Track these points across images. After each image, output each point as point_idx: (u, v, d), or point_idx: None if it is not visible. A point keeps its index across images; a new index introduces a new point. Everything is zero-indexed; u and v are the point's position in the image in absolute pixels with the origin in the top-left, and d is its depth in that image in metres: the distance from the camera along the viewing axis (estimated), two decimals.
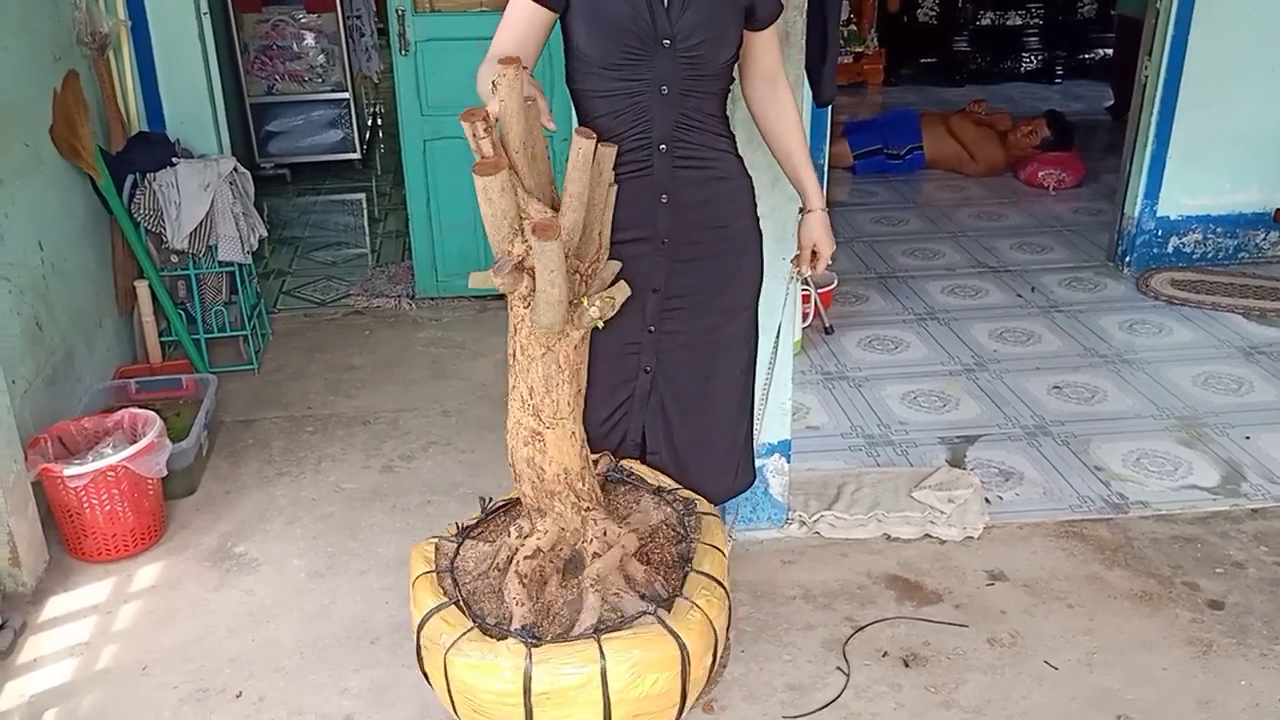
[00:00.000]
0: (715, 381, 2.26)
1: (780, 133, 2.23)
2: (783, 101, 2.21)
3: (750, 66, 2.18)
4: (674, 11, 1.96)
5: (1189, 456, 3.31)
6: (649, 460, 2.28)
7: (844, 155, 6.28)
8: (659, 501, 2.15)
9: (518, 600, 1.88)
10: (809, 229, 2.31)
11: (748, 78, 2.20)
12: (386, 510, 3.11)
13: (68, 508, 2.82)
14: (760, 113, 2.23)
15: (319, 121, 6.45)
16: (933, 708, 2.35)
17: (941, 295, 4.57)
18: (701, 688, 1.98)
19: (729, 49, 2.06)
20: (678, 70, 1.99)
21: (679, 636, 1.83)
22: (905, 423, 3.54)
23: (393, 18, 4.18)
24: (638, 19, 1.95)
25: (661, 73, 1.98)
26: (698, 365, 2.21)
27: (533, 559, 1.94)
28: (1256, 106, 4.54)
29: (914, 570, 2.81)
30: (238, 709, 2.38)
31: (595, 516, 2.00)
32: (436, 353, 4.10)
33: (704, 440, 2.29)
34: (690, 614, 1.87)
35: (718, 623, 1.93)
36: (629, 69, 1.98)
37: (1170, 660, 2.48)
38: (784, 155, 2.26)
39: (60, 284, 3.33)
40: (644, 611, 1.85)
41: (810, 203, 2.29)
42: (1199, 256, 4.79)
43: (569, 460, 1.95)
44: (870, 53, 8.75)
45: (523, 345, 1.87)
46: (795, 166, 2.25)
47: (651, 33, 1.96)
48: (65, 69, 3.45)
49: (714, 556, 2.02)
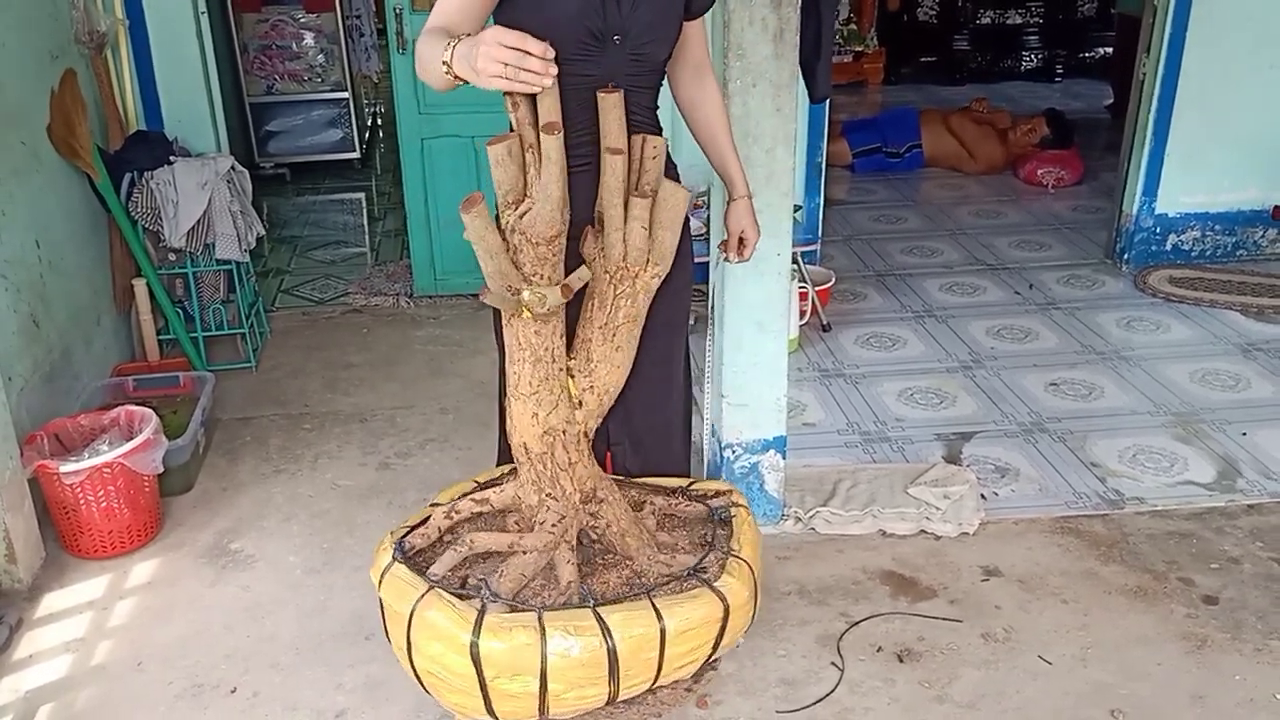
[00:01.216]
0: (672, 366, 2.29)
1: (706, 121, 2.25)
2: (708, 89, 2.23)
3: (680, 58, 2.18)
4: (625, 8, 1.95)
5: (1185, 453, 3.31)
6: (613, 450, 2.31)
7: (843, 154, 6.29)
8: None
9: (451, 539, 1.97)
10: (736, 216, 2.33)
11: (677, 69, 2.21)
12: (383, 507, 3.11)
13: (64, 504, 2.82)
14: (687, 100, 2.25)
15: (318, 121, 6.46)
16: (926, 702, 2.35)
17: (939, 293, 4.57)
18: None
19: (671, 44, 2.08)
20: (624, 66, 1.99)
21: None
22: (902, 419, 3.54)
23: (390, 16, 4.19)
24: (589, 15, 1.93)
25: (609, 68, 1.97)
26: (655, 351, 2.23)
27: (479, 505, 1.99)
28: (1255, 104, 4.54)
29: (909, 566, 2.81)
30: (232, 704, 2.38)
31: (553, 506, 2.02)
32: (434, 351, 4.11)
33: (665, 426, 2.32)
34: None
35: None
36: (579, 64, 1.94)
37: (1164, 655, 2.48)
38: (709, 143, 2.28)
39: (58, 282, 3.34)
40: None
41: (736, 190, 2.31)
42: (1197, 254, 4.79)
43: (529, 438, 2.01)
44: (870, 52, 8.75)
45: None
46: (721, 154, 2.28)
47: (603, 28, 1.95)
48: (63, 68, 3.46)
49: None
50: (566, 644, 1.91)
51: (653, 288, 1.96)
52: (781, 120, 2.53)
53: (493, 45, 1.64)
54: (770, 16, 2.44)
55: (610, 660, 1.93)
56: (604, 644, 1.93)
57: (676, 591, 2.03)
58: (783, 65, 2.51)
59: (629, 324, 1.93)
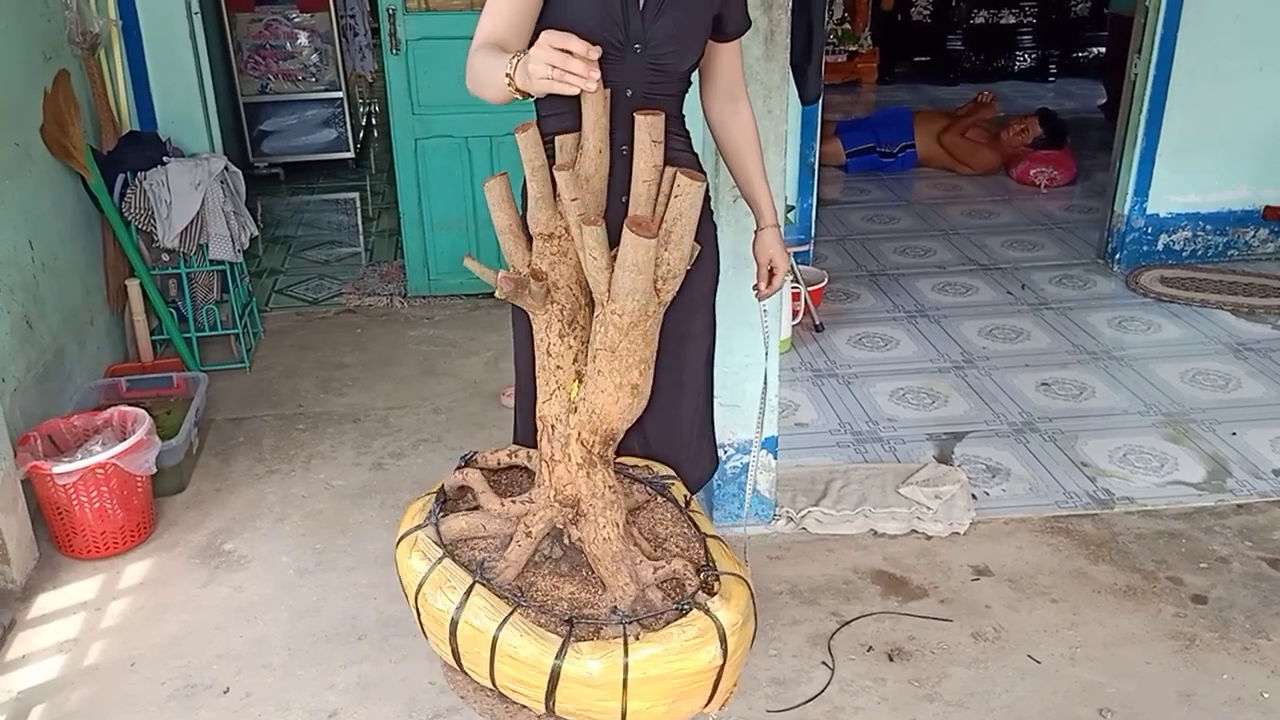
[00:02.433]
0: (685, 373, 2.27)
1: (734, 145, 2.23)
2: (741, 116, 2.21)
3: (712, 79, 2.18)
4: (648, 18, 1.96)
5: (1175, 452, 3.33)
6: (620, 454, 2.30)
7: (836, 154, 6.30)
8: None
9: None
10: (764, 246, 2.29)
11: (709, 90, 2.20)
12: (376, 507, 3.12)
13: (57, 505, 2.83)
14: (719, 123, 2.23)
15: (312, 121, 6.46)
16: (916, 701, 2.37)
17: (932, 293, 4.58)
18: None
19: (695, 55, 2.07)
20: (644, 75, 1.99)
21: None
22: (894, 419, 3.55)
23: (384, 17, 4.19)
24: (609, 26, 1.93)
25: (627, 76, 1.97)
26: (667, 357, 2.21)
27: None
28: (1245, 104, 4.56)
29: (900, 565, 2.82)
30: (225, 704, 2.39)
31: (540, 487, 2.03)
32: (428, 351, 4.12)
33: (674, 433, 2.30)
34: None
35: None
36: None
37: (1153, 654, 2.50)
38: (739, 170, 2.26)
39: (51, 282, 3.34)
40: None
41: (764, 219, 2.28)
42: (1188, 254, 4.81)
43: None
44: (864, 51, 8.76)
45: None
46: (750, 182, 2.25)
47: (624, 37, 1.95)
48: (56, 68, 3.46)
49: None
50: (480, 623, 1.90)
51: (623, 324, 1.86)
52: (773, 122, 2.54)
53: (543, 47, 1.64)
54: (760, 18, 2.46)
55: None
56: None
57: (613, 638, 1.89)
58: (773, 67, 2.53)
59: (605, 351, 1.88)
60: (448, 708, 2.34)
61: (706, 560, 2.03)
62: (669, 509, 2.18)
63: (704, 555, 2.05)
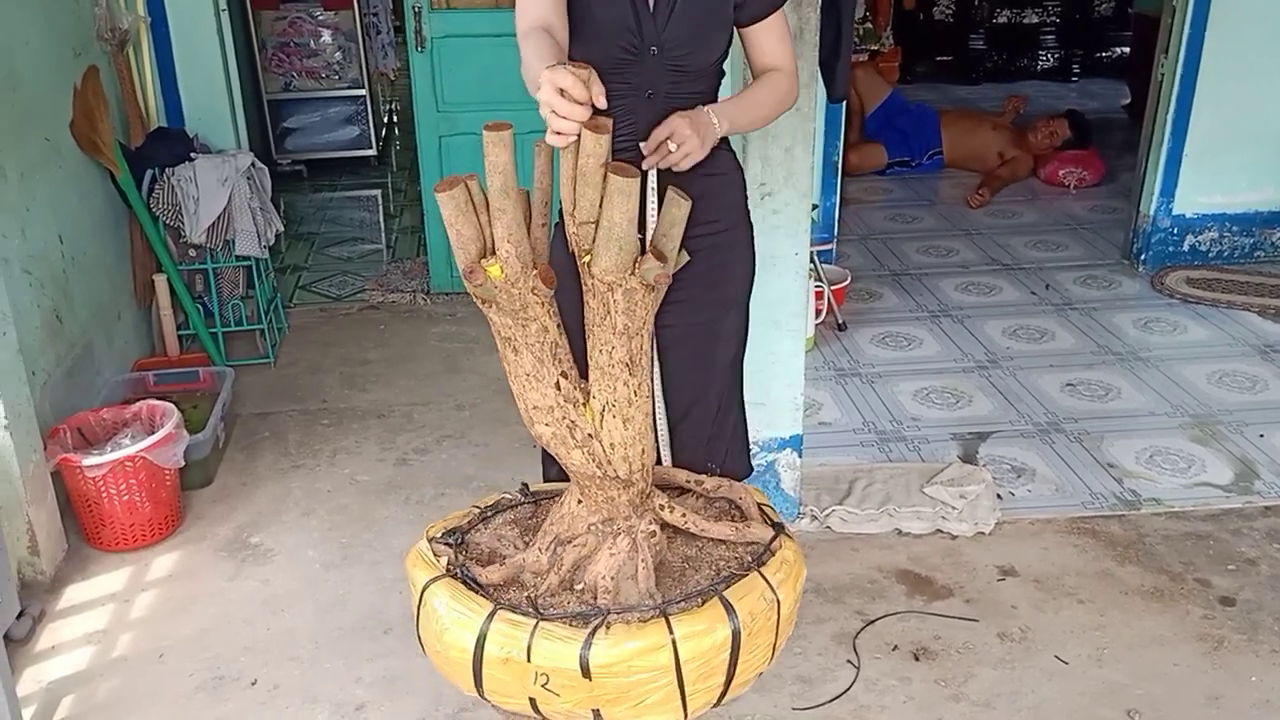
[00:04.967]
0: (712, 373, 2.25)
1: (753, 83, 2.09)
2: (775, 76, 2.08)
3: (757, 63, 2.11)
4: (660, 20, 1.93)
5: (1202, 454, 3.31)
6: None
7: (878, 158, 6.23)
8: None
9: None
10: (680, 115, 1.92)
11: (755, 71, 2.13)
12: (400, 502, 3.13)
13: (86, 497, 2.85)
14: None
15: (336, 118, 6.49)
16: (942, 700, 2.36)
17: (955, 292, 4.57)
18: None
19: (716, 52, 2.02)
20: (664, 76, 1.96)
21: None
22: (918, 419, 3.54)
23: (409, 14, 4.20)
24: (624, 28, 1.91)
25: (648, 78, 1.95)
26: (695, 359, 2.19)
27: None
28: (1272, 105, 4.52)
29: (925, 565, 2.81)
30: (252, 697, 2.41)
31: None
32: (450, 347, 4.13)
33: (700, 434, 2.29)
34: None
35: None
36: (615, 74, 1.90)
37: (1180, 656, 2.48)
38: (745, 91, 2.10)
39: (80, 277, 3.37)
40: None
41: (713, 107, 2.00)
42: (1214, 255, 4.77)
43: None
44: (886, 50, 8.71)
45: None
46: (738, 95, 2.08)
47: (639, 40, 1.93)
48: (85, 65, 3.48)
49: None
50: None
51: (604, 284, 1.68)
52: (800, 119, 2.54)
53: (546, 84, 1.54)
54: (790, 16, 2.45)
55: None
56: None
57: None
58: (802, 65, 2.51)
59: (599, 371, 1.78)
60: (473, 701, 2.35)
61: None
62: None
63: None
